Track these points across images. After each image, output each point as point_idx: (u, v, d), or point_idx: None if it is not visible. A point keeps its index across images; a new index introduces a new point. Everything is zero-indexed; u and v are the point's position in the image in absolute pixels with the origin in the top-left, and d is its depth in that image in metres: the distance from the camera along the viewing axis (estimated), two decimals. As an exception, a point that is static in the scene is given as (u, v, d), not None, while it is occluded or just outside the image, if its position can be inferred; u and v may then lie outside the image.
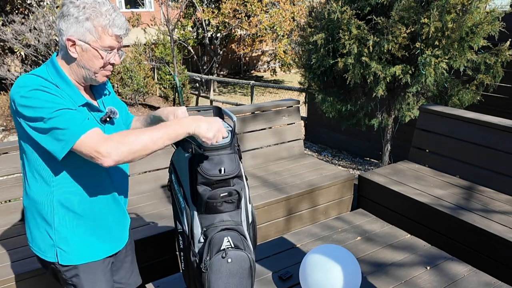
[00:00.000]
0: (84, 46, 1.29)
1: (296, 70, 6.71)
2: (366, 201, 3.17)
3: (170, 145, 1.37)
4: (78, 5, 1.26)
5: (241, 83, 9.27)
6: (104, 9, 1.28)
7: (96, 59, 1.31)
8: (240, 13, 10.59)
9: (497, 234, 2.29)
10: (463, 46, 3.26)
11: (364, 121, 3.99)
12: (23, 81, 1.27)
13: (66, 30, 1.27)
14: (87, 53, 1.30)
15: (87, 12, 1.26)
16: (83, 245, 1.44)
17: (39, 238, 1.43)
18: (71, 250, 1.42)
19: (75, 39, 1.28)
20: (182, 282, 1.94)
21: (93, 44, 1.29)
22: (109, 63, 1.36)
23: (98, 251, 1.48)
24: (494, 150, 2.87)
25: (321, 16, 3.66)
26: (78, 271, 1.44)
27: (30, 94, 1.23)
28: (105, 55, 1.32)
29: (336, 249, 1.78)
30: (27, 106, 1.23)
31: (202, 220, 1.42)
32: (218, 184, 1.37)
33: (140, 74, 9.40)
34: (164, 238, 2.40)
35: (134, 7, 16.66)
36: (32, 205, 1.41)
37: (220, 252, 1.37)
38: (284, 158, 3.55)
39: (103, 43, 1.29)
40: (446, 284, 1.90)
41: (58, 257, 1.41)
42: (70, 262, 1.43)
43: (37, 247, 1.44)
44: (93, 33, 1.27)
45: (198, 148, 1.36)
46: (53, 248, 1.41)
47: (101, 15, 1.27)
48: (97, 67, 1.33)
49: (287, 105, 3.62)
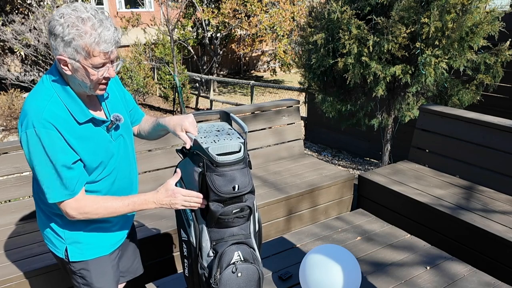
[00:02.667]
0: (75, 64, 1.25)
1: (296, 70, 6.71)
2: (366, 201, 3.17)
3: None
4: (62, 23, 1.21)
5: (241, 83, 9.27)
6: (88, 26, 1.21)
7: (89, 76, 1.28)
8: (240, 13, 10.59)
9: (497, 234, 2.29)
10: (463, 46, 3.26)
11: (364, 121, 3.99)
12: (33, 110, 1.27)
13: (56, 48, 1.24)
14: (79, 71, 1.27)
15: (71, 33, 1.20)
16: (92, 241, 1.50)
17: (49, 233, 1.49)
18: (81, 247, 1.48)
19: (66, 57, 1.24)
20: (182, 282, 1.94)
21: (83, 62, 1.25)
22: (103, 78, 1.32)
23: (107, 245, 1.54)
24: (494, 150, 2.87)
25: (321, 16, 3.66)
26: (88, 265, 1.51)
27: (32, 137, 1.26)
28: (95, 72, 1.28)
29: (336, 249, 1.78)
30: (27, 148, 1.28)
31: (211, 234, 1.41)
32: (231, 201, 1.35)
33: (140, 74, 9.39)
34: (164, 238, 2.40)
35: (134, 7, 16.67)
36: (39, 202, 1.47)
37: (230, 267, 1.37)
38: (284, 158, 3.55)
39: (93, 62, 1.25)
40: (446, 284, 1.90)
41: (69, 254, 1.48)
42: (80, 259, 1.49)
43: (48, 240, 1.52)
44: (81, 52, 1.23)
45: (210, 163, 1.32)
46: (63, 245, 1.48)
47: (85, 33, 1.21)
48: (93, 82, 1.30)
49: (287, 105, 3.62)
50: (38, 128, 1.25)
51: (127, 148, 1.55)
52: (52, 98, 1.30)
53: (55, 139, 1.27)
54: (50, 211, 1.45)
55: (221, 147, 1.35)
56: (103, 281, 1.54)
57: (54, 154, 1.27)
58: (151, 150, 2.95)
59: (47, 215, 1.47)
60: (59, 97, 1.31)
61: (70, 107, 1.32)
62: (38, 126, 1.25)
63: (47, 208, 1.45)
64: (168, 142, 3.01)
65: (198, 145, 1.35)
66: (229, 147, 1.36)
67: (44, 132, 1.25)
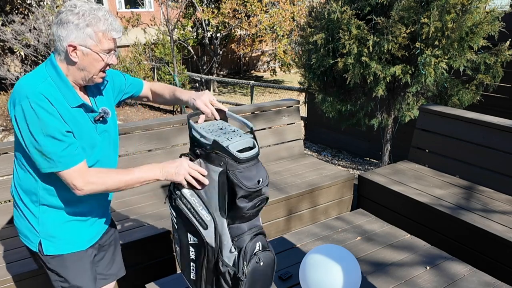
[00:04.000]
0: (85, 50, 1.36)
1: (296, 70, 6.71)
2: (366, 201, 3.17)
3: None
4: (77, 12, 1.33)
5: (241, 83, 9.26)
6: (101, 15, 1.35)
7: (97, 62, 1.39)
8: (240, 13, 10.59)
9: (497, 234, 2.29)
10: (463, 46, 3.26)
11: (364, 121, 3.99)
12: (27, 86, 1.33)
13: (66, 36, 1.33)
14: (87, 57, 1.37)
15: (86, 19, 1.33)
16: (67, 236, 1.50)
17: (24, 227, 1.50)
18: (55, 241, 1.48)
19: (76, 44, 1.34)
20: (182, 282, 1.94)
21: (94, 49, 1.36)
22: (108, 64, 1.43)
23: (83, 240, 1.54)
24: (494, 150, 2.87)
25: (321, 16, 3.66)
26: (64, 260, 1.50)
27: (29, 108, 1.29)
28: (105, 57, 1.40)
29: (336, 249, 1.77)
30: (23, 120, 1.31)
31: (231, 231, 1.43)
32: (255, 194, 1.38)
33: (140, 74, 9.39)
34: (164, 238, 2.40)
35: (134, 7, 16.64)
36: (18, 194, 1.48)
37: (254, 257, 1.42)
38: (284, 158, 3.55)
39: (102, 47, 1.37)
40: (446, 284, 1.90)
41: (43, 248, 1.47)
42: (54, 252, 1.49)
43: (22, 235, 1.52)
44: (93, 38, 1.35)
45: (233, 161, 1.34)
46: (37, 238, 1.48)
47: (100, 20, 1.34)
48: (97, 69, 1.41)
49: (287, 105, 3.62)
50: (32, 100, 1.29)
51: (111, 145, 1.58)
52: (46, 80, 1.36)
53: (51, 109, 1.32)
54: (29, 200, 1.46)
55: (239, 144, 1.37)
56: (79, 277, 1.53)
57: (52, 122, 1.31)
58: (151, 150, 2.95)
59: (23, 207, 1.48)
60: (52, 80, 1.37)
61: (62, 91, 1.38)
62: (32, 98, 1.30)
63: (26, 196, 1.46)
64: (168, 142, 3.01)
65: (217, 145, 1.36)
66: (245, 143, 1.39)
67: (39, 102, 1.30)
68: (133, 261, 2.34)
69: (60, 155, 1.33)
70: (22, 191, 1.47)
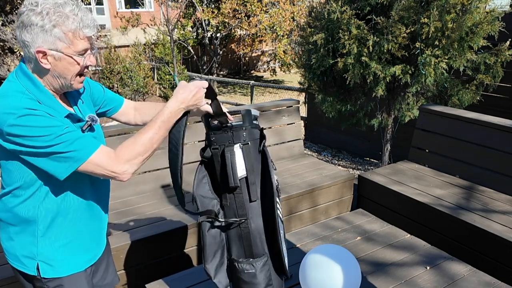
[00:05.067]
0: (56, 55, 1.19)
1: (296, 70, 6.71)
2: (366, 201, 3.17)
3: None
4: (39, 11, 1.14)
5: (241, 83, 9.26)
6: (68, 10, 1.16)
7: (72, 66, 1.22)
8: (240, 13, 10.58)
9: (497, 234, 2.29)
10: (463, 46, 3.26)
11: (364, 121, 3.99)
12: (6, 105, 1.15)
13: (32, 41, 1.16)
14: (61, 61, 1.20)
15: (52, 19, 1.14)
16: (65, 258, 1.40)
17: (18, 250, 1.37)
18: (54, 264, 1.38)
19: (45, 49, 1.17)
20: (182, 282, 1.94)
21: (66, 51, 1.19)
22: (85, 67, 1.26)
23: (82, 261, 1.45)
24: (494, 150, 2.87)
25: (321, 16, 3.66)
26: (62, 282, 1.40)
27: (20, 121, 1.13)
28: (80, 60, 1.22)
29: (336, 249, 1.77)
30: (21, 136, 1.14)
31: None
32: None
33: (139, 74, 9.39)
34: (164, 238, 2.40)
35: (134, 7, 16.67)
36: (12, 218, 1.34)
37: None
38: (284, 158, 3.55)
39: (76, 48, 1.20)
40: (446, 284, 1.90)
41: (40, 271, 1.36)
42: (53, 275, 1.38)
43: (15, 259, 1.39)
44: (63, 39, 1.17)
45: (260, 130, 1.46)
46: (34, 261, 1.36)
47: (67, 18, 1.15)
48: (74, 73, 1.24)
49: (287, 105, 3.62)
50: (20, 112, 1.13)
51: None
52: (24, 94, 1.19)
53: (41, 113, 1.17)
54: (26, 226, 1.33)
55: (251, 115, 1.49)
56: None
57: (50, 121, 1.18)
58: (151, 150, 2.95)
59: (17, 233, 1.35)
60: (30, 93, 1.20)
61: (45, 104, 1.22)
62: (18, 111, 1.13)
63: (23, 223, 1.33)
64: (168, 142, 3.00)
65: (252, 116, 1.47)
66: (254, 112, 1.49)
67: (28, 111, 1.15)
68: (133, 261, 2.34)
69: (75, 147, 1.19)
70: (18, 218, 1.32)
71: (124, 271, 2.33)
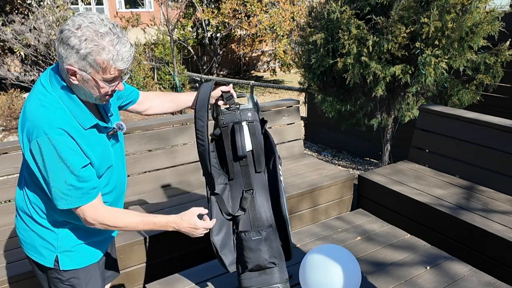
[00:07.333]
0: (85, 76, 1.22)
1: (296, 70, 6.70)
2: (366, 201, 3.17)
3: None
4: (79, 36, 1.16)
5: (241, 83, 9.26)
6: (106, 41, 1.18)
7: (98, 88, 1.26)
8: (240, 13, 10.58)
9: (497, 234, 2.29)
10: (463, 46, 3.26)
11: (364, 121, 3.98)
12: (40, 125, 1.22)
13: (66, 58, 1.19)
14: (88, 83, 1.24)
15: (88, 47, 1.16)
16: (84, 249, 1.49)
17: (37, 241, 1.44)
18: (72, 255, 1.46)
19: (76, 69, 1.21)
20: (182, 281, 1.94)
21: (95, 76, 1.22)
22: (113, 91, 1.31)
23: (97, 252, 1.54)
24: (494, 150, 2.87)
25: (320, 16, 3.66)
26: (78, 273, 1.48)
27: (47, 147, 1.22)
28: (107, 86, 1.26)
29: (336, 249, 1.77)
30: (41, 158, 1.24)
31: None
32: None
33: (139, 74, 9.38)
34: (165, 238, 2.40)
35: (133, 7, 16.66)
36: (30, 214, 1.42)
37: None
38: (284, 158, 3.55)
39: (105, 76, 1.23)
40: (446, 284, 1.90)
41: (60, 263, 1.44)
42: (71, 267, 1.46)
43: (33, 250, 1.46)
44: (94, 66, 1.20)
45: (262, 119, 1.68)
46: (53, 253, 1.43)
47: (104, 49, 1.18)
48: (101, 94, 1.28)
49: (287, 105, 3.62)
50: (51, 135, 1.21)
51: (122, 154, 1.57)
52: (58, 105, 1.26)
53: (69, 144, 1.25)
54: (46, 219, 1.41)
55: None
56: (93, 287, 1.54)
57: (70, 158, 1.25)
58: (151, 150, 2.95)
59: (37, 225, 1.42)
60: (63, 104, 1.27)
61: (75, 113, 1.29)
62: (51, 133, 1.21)
63: (43, 215, 1.40)
64: (169, 142, 3.01)
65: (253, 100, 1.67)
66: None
67: (58, 138, 1.22)
68: (133, 261, 2.35)
69: (78, 193, 1.28)
70: (39, 211, 1.41)
71: (124, 271, 2.33)
